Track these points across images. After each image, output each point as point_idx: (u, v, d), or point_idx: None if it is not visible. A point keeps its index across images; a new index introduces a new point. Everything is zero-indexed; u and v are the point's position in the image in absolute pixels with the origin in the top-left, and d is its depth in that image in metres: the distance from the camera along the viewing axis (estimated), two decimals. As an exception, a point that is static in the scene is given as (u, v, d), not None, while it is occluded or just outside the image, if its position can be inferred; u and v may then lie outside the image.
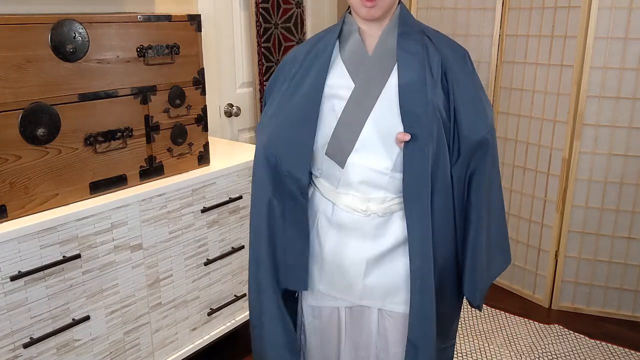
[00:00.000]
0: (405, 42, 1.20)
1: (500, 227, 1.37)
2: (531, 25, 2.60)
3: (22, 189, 1.52)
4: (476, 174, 1.25)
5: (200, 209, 1.93)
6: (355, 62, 1.23)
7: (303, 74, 1.25)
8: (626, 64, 2.39)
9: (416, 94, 1.17)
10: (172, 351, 1.94)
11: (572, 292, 2.69)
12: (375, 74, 1.21)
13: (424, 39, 1.22)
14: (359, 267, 1.28)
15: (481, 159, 1.24)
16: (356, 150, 1.22)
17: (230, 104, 2.67)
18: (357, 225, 1.27)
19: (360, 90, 1.21)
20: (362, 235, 1.27)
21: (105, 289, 1.68)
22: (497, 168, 1.31)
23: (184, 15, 1.84)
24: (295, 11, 2.85)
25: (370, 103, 1.20)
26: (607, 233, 2.56)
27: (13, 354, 1.49)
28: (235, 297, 2.14)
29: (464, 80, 1.22)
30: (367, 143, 1.21)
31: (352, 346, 1.38)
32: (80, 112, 1.61)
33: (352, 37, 1.24)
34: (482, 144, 1.23)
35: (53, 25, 1.50)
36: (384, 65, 1.21)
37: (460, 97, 1.20)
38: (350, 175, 1.24)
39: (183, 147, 1.92)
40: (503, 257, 1.39)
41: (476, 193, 1.26)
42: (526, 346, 2.40)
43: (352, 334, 1.37)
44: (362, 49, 1.23)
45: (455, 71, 1.21)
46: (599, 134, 2.48)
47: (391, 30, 1.22)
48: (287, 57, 1.33)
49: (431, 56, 1.20)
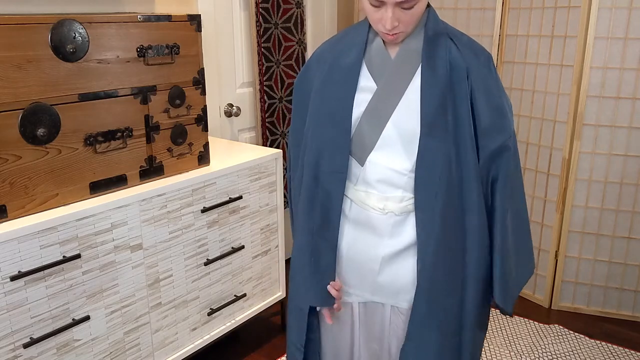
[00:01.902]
0: (431, 48, 1.20)
1: (527, 233, 1.37)
2: (531, 25, 2.60)
3: (22, 189, 1.52)
4: (499, 180, 1.25)
5: (200, 209, 1.93)
6: (378, 64, 1.23)
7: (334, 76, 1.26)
8: (626, 64, 2.39)
9: (437, 98, 1.18)
10: (172, 351, 1.94)
11: (572, 292, 2.69)
12: (397, 76, 1.22)
13: (449, 44, 1.22)
14: (373, 264, 1.30)
15: (502, 165, 1.24)
16: (376, 149, 1.24)
17: (230, 104, 2.67)
18: (374, 223, 1.28)
19: (382, 92, 1.22)
20: (379, 233, 1.28)
21: (105, 289, 1.68)
22: (520, 174, 1.31)
23: (184, 15, 1.84)
24: (295, 11, 2.85)
25: (392, 105, 1.21)
26: (607, 233, 2.56)
27: (13, 354, 1.49)
28: (235, 297, 2.14)
29: (485, 87, 1.22)
30: (388, 143, 1.23)
31: (365, 339, 1.40)
32: (80, 112, 1.61)
33: (376, 39, 1.24)
34: (501, 150, 1.23)
35: (53, 25, 1.50)
36: (407, 68, 1.22)
37: (481, 103, 1.21)
38: (369, 173, 1.25)
39: (183, 147, 1.92)
40: (531, 264, 1.39)
41: (500, 198, 1.25)
42: (526, 346, 2.40)
43: (365, 327, 1.39)
44: (384, 52, 1.23)
45: (477, 77, 1.21)
46: (599, 134, 2.48)
47: (416, 34, 1.22)
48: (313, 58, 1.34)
49: (455, 61, 1.20)
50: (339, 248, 1.33)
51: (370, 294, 1.33)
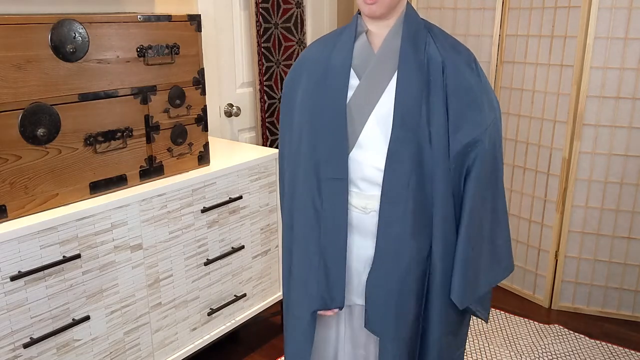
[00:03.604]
0: (407, 44, 1.21)
1: (503, 232, 1.32)
2: (531, 25, 2.60)
3: (22, 189, 1.52)
4: (471, 175, 1.22)
5: (200, 209, 1.93)
6: (361, 61, 1.24)
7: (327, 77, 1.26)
8: (626, 64, 2.39)
9: (412, 90, 1.18)
10: (172, 351, 1.94)
11: (572, 292, 2.69)
12: (379, 72, 1.22)
13: (428, 40, 1.22)
14: (358, 264, 1.28)
15: (476, 160, 1.21)
16: (357, 147, 1.23)
17: (230, 104, 2.67)
18: (356, 223, 1.27)
19: (364, 87, 1.22)
20: (363, 233, 1.27)
21: (105, 289, 1.68)
22: (499, 171, 1.28)
23: (184, 15, 1.84)
24: (295, 11, 2.85)
25: (373, 101, 1.21)
26: (607, 233, 2.56)
27: (13, 354, 1.49)
28: (235, 297, 2.14)
29: (461, 81, 1.20)
30: (369, 140, 1.22)
31: (350, 345, 1.38)
32: (80, 112, 1.61)
33: (360, 37, 1.26)
34: (474, 144, 1.20)
35: (53, 25, 1.50)
36: (388, 64, 1.22)
37: (454, 97, 1.19)
38: (351, 171, 1.24)
39: (183, 147, 1.92)
40: (506, 263, 1.35)
41: (471, 194, 1.22)
42: (526, 346, 2.40)
43: (351, 333, 1.37)
44: (368, 48, 1.24)
45: (453, 71, 1.20)
46: (599, 134, 2.48)
47: (397, 31, 1.23)
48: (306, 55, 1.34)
49: (432, 55, 1.21)
50: None
51: (356, 296, 1.31)
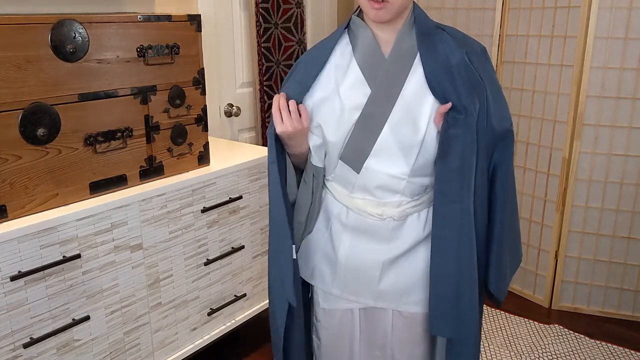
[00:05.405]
0: (426, 40, 1.18)
1: (517, 223, 1.37)
2: (531, 25, 2.60)
3: (22, 189, 1.52)
4: (501, 167, 1.24)
5: (200, 209, 1.93)
6: (371, 66, 1.20)
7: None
8: (626, 64, 2.39)
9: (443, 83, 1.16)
10: (172, 351, 1.94)
11: (572, 292, 2.69)
12: (392, 78, 1.18)
13: (444, 36, 1.20)
14: (374, 270, 1.28)
15: (504, 152, 1.23)
16: (372, 156, 1.20)
17: (230, 104, 2.67)
18: (373, 229, 1.26)
19: (377, 95, 1.18)
20: (378, 239, 1.27)
21: (105, 289, 1.68)
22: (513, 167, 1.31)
23: (184, 15, 1.84)
24: (295, 11, 2.85)
25: (388, 108, 1.18)
26: (607, 233, 2.56)
27: (13, 354, 1.49)
28: (235, 297, 2.14)
29: (487, 74, 1.21)
30: (384, 148, 1.19)
31: (366, 346, 1.37)
32: (80, 112, 1.61)
33: (364, 40, 1.21)
34: (505, 135, 1.23)
35: (53, 25, 1.50)
36: (401, 69, 1.18)
37: (488, 87, 1.19)
38: (367, 180, 1.23)
39: (183, 147, 1.92)
40: (519, 253, 1.40)
41: (502, 187, 1.24)
42: (526, 346, 2.40)
43: (367, 334, 1.36)
44: (378, 53, 1.19)
45: (479, 65, 1.20)
46: (599, 134, 2.48)
47: (407, 33, 1.19)
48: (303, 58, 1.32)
49: (453, 50, 1.18)
50: (337, 256, 1.31)
51: (372, 300, 1.31)
